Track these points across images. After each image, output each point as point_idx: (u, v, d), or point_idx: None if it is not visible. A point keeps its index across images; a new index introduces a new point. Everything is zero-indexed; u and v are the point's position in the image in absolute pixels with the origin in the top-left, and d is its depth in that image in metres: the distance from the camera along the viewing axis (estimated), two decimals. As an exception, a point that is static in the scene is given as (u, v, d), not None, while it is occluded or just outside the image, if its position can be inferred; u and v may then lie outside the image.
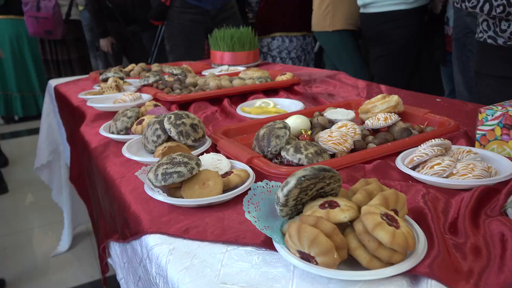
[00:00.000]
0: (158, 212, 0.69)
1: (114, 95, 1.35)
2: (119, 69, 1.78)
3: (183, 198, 0.70)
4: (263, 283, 0.51)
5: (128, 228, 0.72)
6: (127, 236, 0.72)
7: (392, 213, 0.52)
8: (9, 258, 2.15)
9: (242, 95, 1.39)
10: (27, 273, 2.01)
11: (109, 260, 1.05)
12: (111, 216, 0.90)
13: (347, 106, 1.17)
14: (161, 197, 0.70)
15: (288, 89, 1.47)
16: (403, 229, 0.49)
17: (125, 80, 1.59)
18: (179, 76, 1.58)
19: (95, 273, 1.99)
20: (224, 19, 2.57)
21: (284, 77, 1.50)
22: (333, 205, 0.53)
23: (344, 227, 0.53)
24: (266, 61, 2.63)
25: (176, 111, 0.94)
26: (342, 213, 0.51)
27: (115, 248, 0.92)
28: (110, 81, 1.48)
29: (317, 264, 0.49)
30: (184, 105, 1.28)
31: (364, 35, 2.56)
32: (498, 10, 1.14)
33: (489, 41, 1.26)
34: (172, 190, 0.74)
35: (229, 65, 1.90)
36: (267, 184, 0.61)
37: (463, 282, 0.47)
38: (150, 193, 0.71)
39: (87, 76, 1.98)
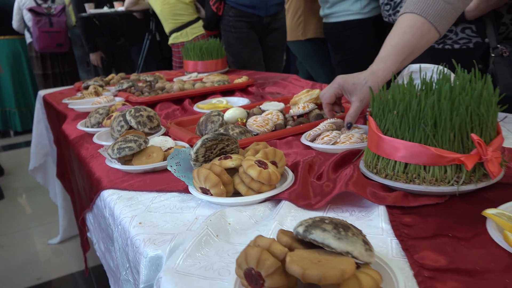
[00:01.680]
0: (114, 176, 0.92)
1: (93, 99, 1.59)
2: (100, 78, 2.02)
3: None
4: (178, 210, 0.74)
5: (93, 190, 0.95)
6: (93, 197, 0.95)
7: (266, 160, 0.75)
8: (5, 253, 2.37)
9: (203, 96, 1.63)
10: (21, 264, 2.23)
11: (88, 234, 1.27)
12: (84, 190, 1.12)
13: (284, 100, 1.41)
14: (117, 165, 0.93)
15: (243, 90, 1.71)
16: (269, 170, 0.73)
17: (104, 87, 1.83)
18: (151, 82, 1.82)
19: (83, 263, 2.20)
20: (274, 29, 2.70)
21: (240, 80, 1.74)
22: (227, 157, 0.77)
23: (234, 172, 0.76)
24: (236, 68, 2.84)
25: (136, 106, 1.17)
26: (230, 161, 0.75)
27: (90, 219, 1.15)
28: (90, 88, 1.72)
29: (211, 195, 0.73)
30: (151, 106, 1.52)
31: (329, 43, 2.81)
32: None
33: None
34: (127, 162, 0.97)
35: (199, 73, 2.14)
36: (187, 148, 0.85)
37: (303, 201, 0.70)
38: (109, 163, 0.95)
39: (72, 86, 2.22)
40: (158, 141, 1.04)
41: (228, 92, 1.69)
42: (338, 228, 0.47)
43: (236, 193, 0.75)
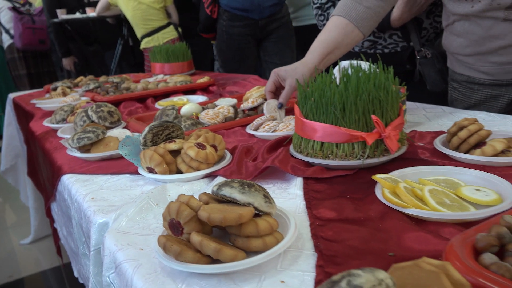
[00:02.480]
0: (74, 164, 1.02)
1: (60, 99, 1.68)
2: (69, 81, 2.10)
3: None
4: (127, 188, 0.84)
5: (54, 177, 1.04)
6: (55, 184, 1.04)
7: (205, 143, 0.86)
8: (-23, 254, 2.41)
9: (167, 96, 1.74)
10: (-6, 264, 2.28)
11: (54, 225, 1.35)
12: (48, 181, 1.21)
13: (240, 97, 1.52)
14: (77, 154, 1.03)
15: (205, 90, 1.82)
16: (207, 151, 0.84)
17: (72, 89, 1.91)
18: (117, 83, 1.91)
19: (55, 261, 2.26)
20: (274, 29, 2.55)
21: (201, 80, 1.85)
22: (171, 141, 0.88)
23: (178, 154, 0.87)
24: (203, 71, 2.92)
25: (98, 103, 1.27)
26: (173, 144, 0.86)
27: (55, 209, 1.23)
28: (58, 89, 1.80)
29: (156, 173, 0.83)
30: (115, 104, 1.61)
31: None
32: None
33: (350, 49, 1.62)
34: (87, 151, 1.06)
35: (165, 74, 2.24)
36: (137, 135, 0.95)
37: (236, 176, 0.82)
38: (69, 153, 1.05)
39: (42, 89, 2.29)
40: (117, 132, 1.14)
41: (191, 91, 1.80)
42: (243, 186, 0.59)
43: (180, 173, 0.86)
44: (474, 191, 0.64)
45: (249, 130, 1.12)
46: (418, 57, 1.40)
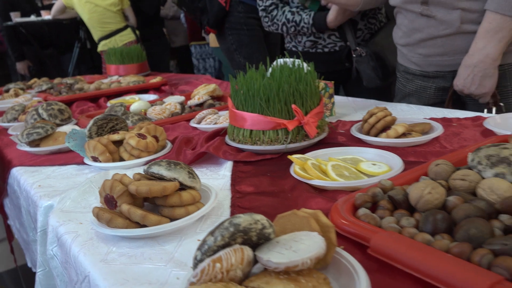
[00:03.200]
0: (24, 158, 1.07)
1: (12, 99, 1.70)
2: (23, 83, 2.11)
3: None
4: (72, 176, 0.91)
5: (5, 171, 1.09)
6: (6, 178, 1.09)
7: (147, 134, 0.95)
8: None
9: (119, 95, 1.79)
10: None
11: (8, 221, 1.39)
12: (2, 178, 1.26)
13: (189, 96, 1.61)
14: (26, 148, 1.09)
15: (158, 89, 1.90)
16: (147, 140, 0.92)
17: (25, 90, 1.94)
18: (71, 84, 1.95)
19: (11, 263, 2.26)
20: None
21: (154, 80, 1.92)
22: (114, 133, 0.95)
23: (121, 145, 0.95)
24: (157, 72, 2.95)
25: (48, 101, 1.32)
26: (116, 135, 0.94)
27: (7, 203, 1.27)
28: (10, 91, 1.83)
29: (100, 161, 0.91)
30: (68, 104, 1.66)
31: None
32: (292, 30, 1.62)
33: (293, 49, 1.73)
34: (36, 146, 1.12)
35: (119, 76, 2.29)
36: (84, 129, 1.02)
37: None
38: (19, 147, 1.10)
39: (-5, 91, 2.28)
40: (66, 128, 1.20)
41: (144, 91, 1.87)
42: (170, 164, 0.68)
43: (123, 161, 0.93)
44: (371, 165, 0.76)
45: (192, 123, 1.20)
46: (354, 55, 1.53)
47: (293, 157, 0.78)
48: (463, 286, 0.40)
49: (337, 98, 1.42)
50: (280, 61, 1.28)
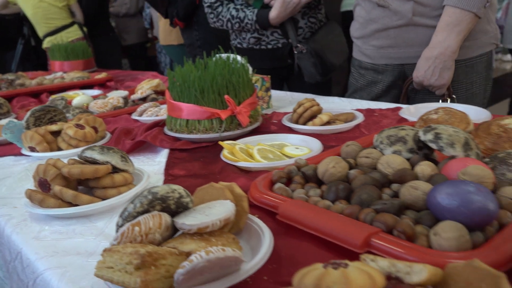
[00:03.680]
0: (-41, 151, 1.06)
1: None
2: (-40, 79, 2.03)
3: (-23, 141, 1.09)
4: (10, 167, 0.92)
5: None
6: None
7: (85, 124, 0.97)
8: None
9: (63, 91, 1.78)
10: None
11: None
12: None
13: (133, 91, 1.63)
14: (-39, 141, 1.08)
15: (103, 85, 1.90)
16: (85, 130, 0.95)
17: (-38, 86, 1.87)
18: (12, 80, 1.91)
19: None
20: None
21: (99, 76, 1.92)
22: (52, 124, 0.97)
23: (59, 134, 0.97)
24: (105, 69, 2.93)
25: (-15, 95, 1.31)
26: (54, 126, 0.96)
27: None
28: None
29: (38, 151, 0.92)
30: (8, 100, 1.63)
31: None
32: (236, 26, 1.68)
33: (238, 45, 1.79)
34: (-28, 139, 1.11)
35: (64, 72, 2.26)
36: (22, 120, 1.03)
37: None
38: (-46, 140, 1.09)
39: None
40: (4, 122, 1.19)
41: (88, 87, 1.86)
42: (103, 149, 0.71)
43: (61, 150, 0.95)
44: (294, 149, 0.83)
45: (134, 116, 1.24)
46: (296, 52, 1.61)
47: (223, 143, 0.84)
48: (347, 237, 0.48)
49: (276, 92, 1.50)
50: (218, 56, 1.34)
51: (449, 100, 1.25)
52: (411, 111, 1.04)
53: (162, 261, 0.42)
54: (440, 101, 1.25)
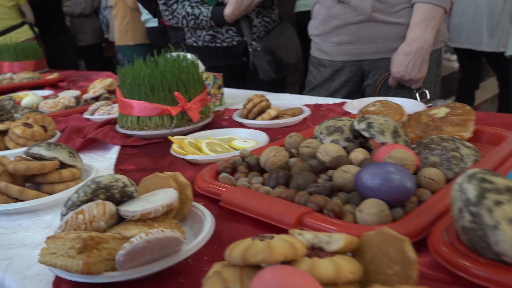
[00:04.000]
0: None
1: None
2: None
3: None
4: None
5: None
6: None
7: (34, 124, 0.96)
8: None
9: (12, 92, 1.73)
10: None
11: None
12: None
13: (85, 91, 1.61)
14: None
15: (54, 86, 1.86)
16: (33, 129, 0.94)
17: None
18: (-43, 82, 1.84)
19: None
20: None
21: (51, 76, 1.88)
22: (2, 122, 0.96)
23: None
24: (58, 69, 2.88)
25: None
26: (1, 125, 0.94)
27: None
28: None
29: (-17, 151, 0.91)
30: (-47, 101, 1.57)
31: (152, 46, 3.07)
32: (191, 23, 1.70)
33: (194, 44, 1.81)
34: None
35: (13, 73, 2.19)
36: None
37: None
38: None
39: None
40: (-52, 123, 1.16)
41: (39, 88, 1.82)
42: (50, 145, 0.72)
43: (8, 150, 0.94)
44: (242, 142, 0.86)
45: (86, 115, 1.23)
46: (251, 49, 1.64)
47: (172, 137, 0.86)
48: (282, 218, 0.51)
49: (229, 90, 1.53)
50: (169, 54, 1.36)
51: (427, 93, 1.30)
52: (355, 105, 1.10)
53: (105, 245, 0.44)
54: (417, 94, 1.30)
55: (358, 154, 0.65)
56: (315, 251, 0.40)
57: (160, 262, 0.45)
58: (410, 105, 1.05)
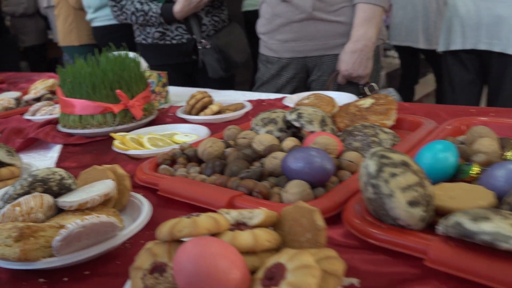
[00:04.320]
0: None
1: None
2: None
3: None
4: None
5: None
6: None
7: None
8: None
9: None
10: None
11: None
12: None
13: (26, 92, 1.58)
14: None
15: (-7, 88, 1.80)
16: (-30, 130, 0.93)
17: None
18: None
19: None
20: None
21: (-11, 79, 1.82)
22: None
23: None
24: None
25: None
26: None
27: None
28: None
29: None
30: None
31: (99, 46, 3.01)
32: (141, 19, 1.69)
33: (143, 41, 1.80)
34: None
35: None
36: None
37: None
38: None
39: None
40: None
41: (-23, 90, 1.76)
42: (-13, 144, 0.72)
43: None
44: (183, 137, 0.89)
45: (26, 116, 1.21)
46: (200, 47, 1.66)
47: (114, 134, 0.88)
48: (215, 201, 0.55)
49: (176, 88, 1.55)
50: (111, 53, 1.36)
51: (375, 86, 1.37)
52: (293, 99, 1.16)
53: (41, 233, 0.46)
54: (366, 88, 1.37)
55: (289, 142, 0.70)
56: (239, 226, 0.44)
57: (97, 246, 0.48)
58: (345, 98, 1.12)
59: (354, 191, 0.55)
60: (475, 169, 0.56)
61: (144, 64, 1.21)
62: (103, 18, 2.82)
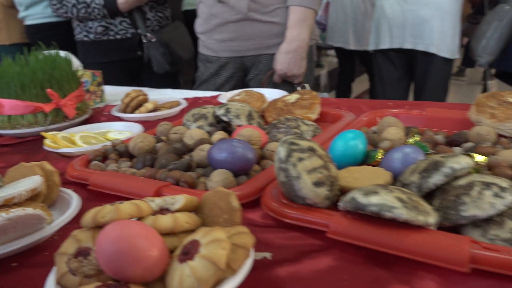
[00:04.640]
0: None
1: None
2: None
3: None
4: None
5: None
6: None
7: None
8: None
9: None
10: None
11: None
12: None
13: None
14: None
15: None
16: None
17: None
18: None
19: None
20: None
21: None
22: None
23: None
24: None
25: None
26: None
27: None
28: None
29: None
30: None
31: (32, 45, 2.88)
32: (82, 11, 1.64)
33: (85, 38, 1.75)
34: None
35: None
36: None
37: None
38: None
39: None
40: None
41: None
42: None
43: None
44: (117, 134, 0.91)
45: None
46: (145, 41, 1.65)
47: (45, 133, 0.88)
48: (142, 192, 0.58)
49: (112, 87, 1.54)
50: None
51: (307, 86, 1.44)
52: (227, 96, 1.20)
53: (-34, 228, 0.47)
54: (300, 88, 1.43)
55: (218, 136, 0.74)
56: (162, 211, 0.47)
57: (24, 238, 0.49)
58: (275, 94, 1.18)
59: (273, 177, 0.60)
60: (379, 154, 0.63)
61: (76, 62, 1.20)
62: (35, 16, 2.71)
